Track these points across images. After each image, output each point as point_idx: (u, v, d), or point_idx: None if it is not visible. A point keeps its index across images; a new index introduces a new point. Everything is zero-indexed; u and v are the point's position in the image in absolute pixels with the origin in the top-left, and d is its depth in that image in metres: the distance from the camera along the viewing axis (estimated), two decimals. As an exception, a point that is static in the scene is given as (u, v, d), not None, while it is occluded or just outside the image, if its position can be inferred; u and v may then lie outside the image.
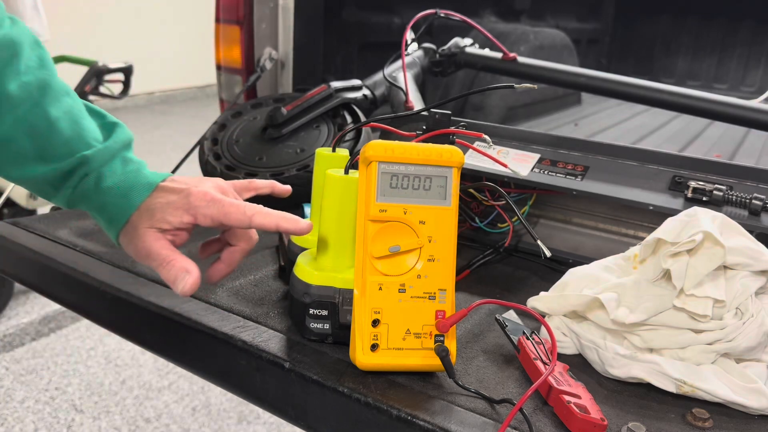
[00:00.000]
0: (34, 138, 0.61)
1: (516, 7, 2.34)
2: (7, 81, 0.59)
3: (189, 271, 0.60)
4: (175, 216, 0.61)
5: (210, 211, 0.60)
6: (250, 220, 0.60)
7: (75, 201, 0.64)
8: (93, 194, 0.63)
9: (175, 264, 0.60)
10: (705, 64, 2.87)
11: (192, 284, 0.59)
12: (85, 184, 0.63)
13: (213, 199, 0.61)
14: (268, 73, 1.36)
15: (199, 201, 0.61)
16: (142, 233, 0.61)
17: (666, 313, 0.62)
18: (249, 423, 2.04)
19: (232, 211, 0.60)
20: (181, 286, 0.59)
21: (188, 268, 0.60)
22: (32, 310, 2.57)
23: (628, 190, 0.86)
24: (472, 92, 1.40)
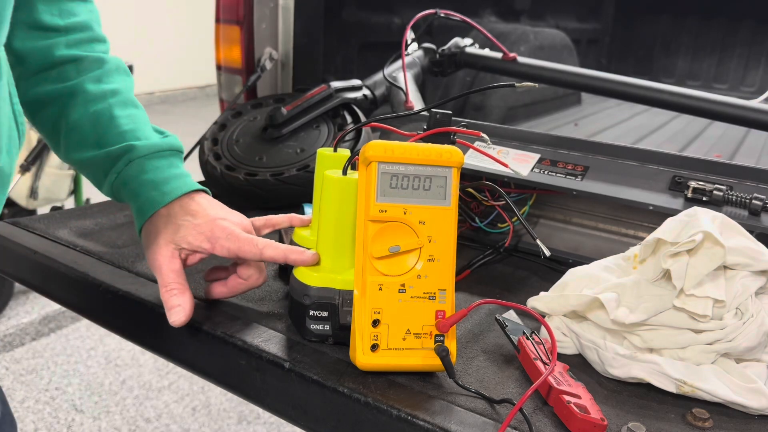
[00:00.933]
0: (96, 127, 0.69)
1: (516, 7, 2.34)
2: (88, 83, 0.71)
3: (184, 308, 0.65)
4: (196, 240, 0.66)
5: (228, 244, 0.66)
6: (261, 252, 0.66)
7: (117, 187, 0.69)
8: (132, 181, 0.68)
9: (176, 295, 0.65)
10: (705, 64, 2.87)
11: (182, 321, 0.64)
12: (128, 171, 0.68)
13: (232, 233, 0.66)
14: (268, 73, 1.36)
15: (221, 233, 0.66)
16: (162, 245, 0.66)
17: (666, 313, 0.62)
18: (249, 423, 2.04)
19: (246, 244, 0.66)
20: (173, 319, 0.64)
21: (184, 305, 0.65)
22: (32, 310, 2.57)
23: (628, 190, 0.86)
24: (473, 92, 1.40)
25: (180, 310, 0.64)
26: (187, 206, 0.68)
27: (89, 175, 0.72)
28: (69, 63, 0.70)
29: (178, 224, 0.67)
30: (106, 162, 0.69)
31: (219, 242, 0.66)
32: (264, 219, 0.75)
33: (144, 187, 0.68)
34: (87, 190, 2.82)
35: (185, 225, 0.67)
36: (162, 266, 0.66)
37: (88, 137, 0.69)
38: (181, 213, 0.67)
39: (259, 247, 0.65)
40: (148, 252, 0.68)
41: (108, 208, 0.99)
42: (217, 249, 0.66)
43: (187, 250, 0.67)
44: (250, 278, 0.70)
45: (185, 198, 0.69)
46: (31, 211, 2.51)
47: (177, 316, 0.64)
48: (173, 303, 0.64)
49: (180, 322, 0.64)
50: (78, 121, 0.69)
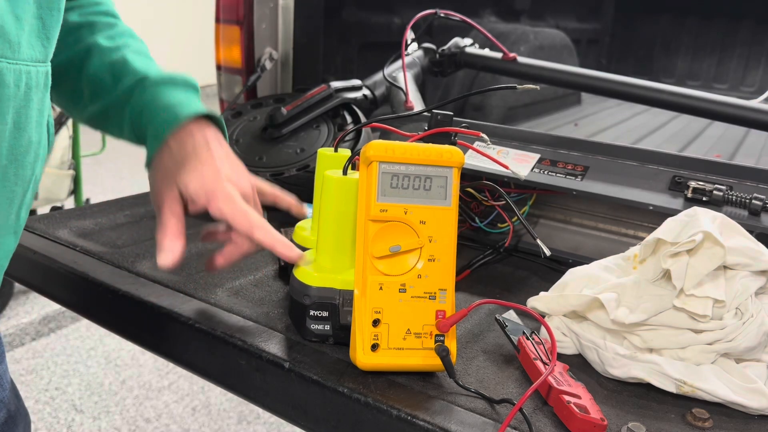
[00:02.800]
0: (112, 73, 0.71)
1: (516, 7, 2.34)
2: (102, 39, 0.72)
3: (174, 253, 0.64)
4: (196, 191, 0.65)
5: (224, 207, 0.65)
6: (252, 232, 0.65)
7: (136, 120, 0.69)
8: (147, 108, 0.68)
9: (170, 235, 0.65)
10: (705, 64, 2.87)
11: (168, 265, 0.64)
12: (143, 98, 0.69)
13: (231, 198, 0.65)
14: (268, 73, 1.36)
15: (221, 194, 0.65)
16: (166, 185, 0.66)
17: (666, 313, 0.62)
18: (249, 423, 2.04)
19: (240, 216, 0.65)
20: (161, 261, 0.64)
21: (175, 250, 0.64)
22: (32, 310, 2.57)
23: (628, 190, 0.86)
24: (474, 93, 1.40)
25: (169, 253, 0.64)
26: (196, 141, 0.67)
27: (112, 124, 0.72)
28: (83, 27, 0.72)
29: (184, 166, 0.66)
30: (123, 99, 0.69)
31: (215, 202, 0.65)
32: (270, 189, 0.75)
33: (158, 111, 0.68)
34: (87, 190, 2.82)
35: (190, 170, 0.66)
36: (163, 207, 0.66)
37: (105, 83, 0.70)
38: (190, 150, 0.67)
39: (251, 224, 0.65)
40: (152, 188, 0.68)
41: (108, 208, 0.99)
42: (212, 207, 0.65)
43: (186, 196, 0.66)
44: (243, 244, 0.69)
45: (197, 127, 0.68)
46: (31, 211, 2.51)
47: (165, 259, 0.64)
48: (165, 245, 0.64)
49: (166, 265, 0.64)
50: (96, 73, 0.71)
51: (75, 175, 2.63)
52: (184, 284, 0.76)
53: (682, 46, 2.91)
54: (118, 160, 4.55)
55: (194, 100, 0.70)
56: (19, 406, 0.69)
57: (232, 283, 0.78)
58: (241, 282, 0.78)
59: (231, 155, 0.70)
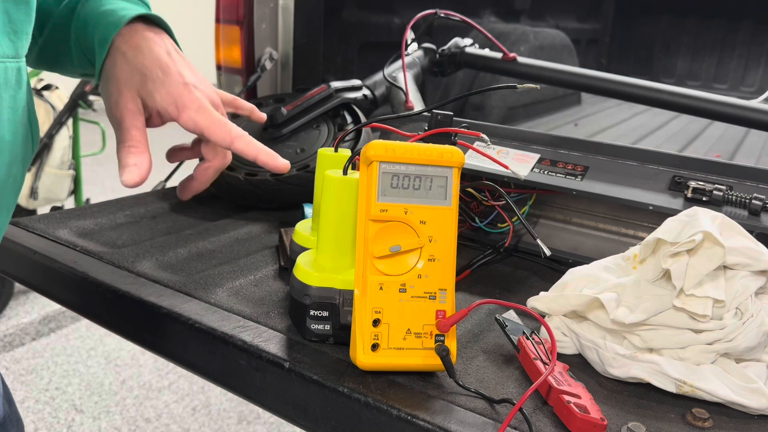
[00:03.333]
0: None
1: (516, 7, 2.34)
2: None
3: (140, 168, 0.59)
4: (163, 101, 0.60)
5: (198, 117, 0.60)
6: (232, 142, 0.61)
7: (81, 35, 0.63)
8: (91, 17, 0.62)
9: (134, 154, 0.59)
10: (705, 64, 2.87)
11: (135, 182, 0.59)
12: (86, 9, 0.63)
13: (203, 108, 0.60)
14: (268, 73, 1.36)
15: (191, 103, 0.60)
16: (126, 96, 0.60)
17: (666, 313, 0.62)
18: (249, 423, 2.05)
19: (218, 127, 0.60)
20: (126, 178, 0.59)
21: (141, 165, 0.59)
22: (32, 310, 2.57)
23: (628, 190, 0.86)
24: (474, 93, 1.40)
25: (135, 169, 0.59)
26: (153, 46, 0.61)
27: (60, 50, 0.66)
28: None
29: (144, 74, 0.60)
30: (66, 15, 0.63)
31: (187, 112, 0.60)
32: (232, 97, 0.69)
33: (103, 17, 0.61)
34: (87, 190, 2.82)
35: (153, 79, 0.60)
36: (124, 120, 0.60)
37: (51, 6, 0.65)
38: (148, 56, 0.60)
39: (231, 135, 0.60)
40: (109, 100, 0.61)
41: (108, 208, 0.99)
42: (183, 119, 0.60)
43: (151, 108, 0.61)
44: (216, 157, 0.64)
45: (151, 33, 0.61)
46: (31, 211, 2.51)
47: (130, 175, 0.59)
48: (129, 161, 0.59)
49: (133, 182, 0.59)
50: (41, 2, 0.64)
51: (75, 175, 2.63)
52: (184, 284, 0.76)
53: (682, 47, 2.92)
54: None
55: (141, 7, 0.64)
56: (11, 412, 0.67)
57: (232, 283, 0.78)
58: (241, 282, 0.78)
59: (189, 61, 0.64)
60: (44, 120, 2.48)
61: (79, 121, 2.63)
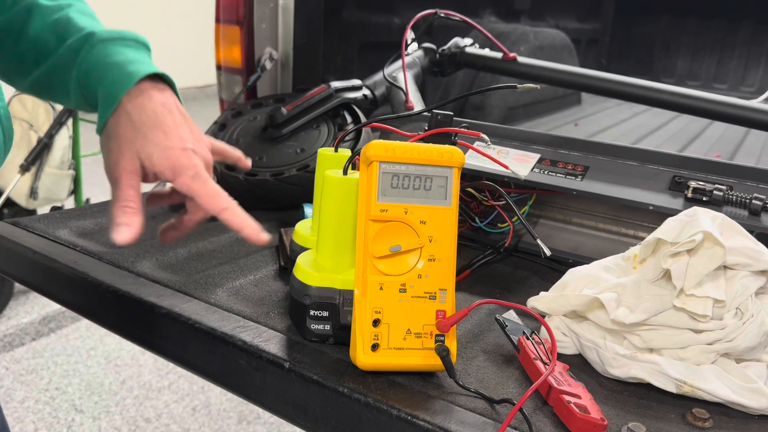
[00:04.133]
0: (55, 32, 0.66)
1: (516, 7, 2.34)
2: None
3: (132, 229, 0.61)
4: (160, 164, 0.62)
5: (193, 184, 0.62)
6: (220, 212, 0.63)
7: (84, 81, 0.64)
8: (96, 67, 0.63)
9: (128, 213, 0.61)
10: (705, 64, 2.87)
11: (127, 241, 0.61)
12: (91, 56, 0.64)
13: (200, 175, 0.62)
14: (268, 73, 1.36)
15: (188, 170, 0.62)
16: (125, 156, 0.62)
17: (666, 313, 0.62)
18: (249, 423, 2.04)
19: (211, 197, 0.62)
20: (119, 237, 0.61)
21: (134, 225, 0.61)
22: (32, 310, 2.57)
23: (628, 190, 0.86)
24: (474, 93, 1.40)
25: (127, 229, 0.61)
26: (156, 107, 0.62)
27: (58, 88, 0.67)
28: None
29: (146, 137, 0.62)
30: (68, 58, 0.65)
31: (182, 178, 0.62)
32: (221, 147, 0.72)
33: (109, 70, 0.63)
34: (87, 190, 2.82)
35: (153, 142, 0.62)
36: (121, 180, 0.62)
37: (49, 44, 0.66)
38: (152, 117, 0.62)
39: (221, 206, 0.62)
40: (108, 158, 0.63)
41: (108, 208, 0.99)
42: (178, 183, 0.62)
43: (149, 169, 0.63)
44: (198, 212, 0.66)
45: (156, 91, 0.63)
46: (31, 211, 2.51)
47: (123, 235, 0.60)
48: (123, 221, 0.61)
49: (124, 242, 0.60)
50: (38, 34, 0.66)
51: (75, 175, 2.63)
52: (184, 284, 0.76)
53: (682, 47, 2.92)
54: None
55: (146, 58, 0.66)
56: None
57: (232, 283, 0.78)
58: (241, 282, 0.78)
59: (190, 119, 0.66)
60: (44, 120, 2.48)
61: (79, 121, 2.63)
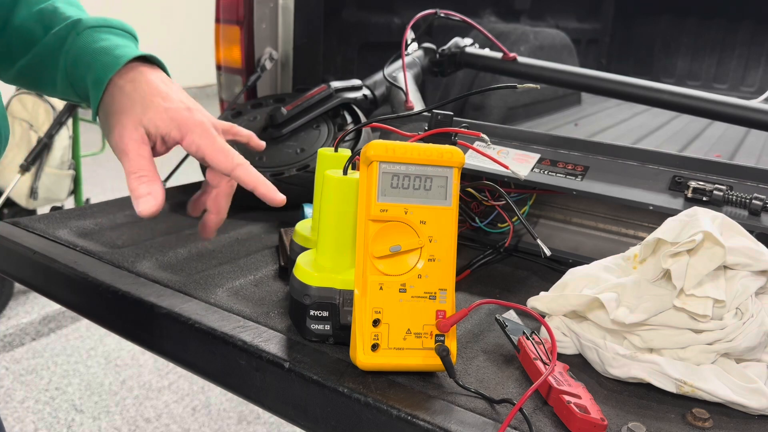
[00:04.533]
0: (41, 21, 0.65)
1: (516, 7, 2.34)
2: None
3: (155, 197, 0.59)
4: (165, 125, 0.60)
5: (201, 141, 0.61)
6: (233, 169, 0.61)
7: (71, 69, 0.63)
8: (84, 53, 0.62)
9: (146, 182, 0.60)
10: (705, 64, 2.87)
11: (152, 211, 0.59)
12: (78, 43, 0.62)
13: (208, 133, 0.61)
14: (268, 73, 1.36)
15: (195, 126, 0.61)
16: (128, 126, 0.60)
17: (666, 313, 0.62)
18: (249, 423, 2.04)
19: (221, 153, 0.61)
20: (143, 208, 0.59)
21: (156, 193, 0.60)
22: (32, 310, 2.57)
23: (628, 190, 0.86)
24: (474, 93, 1.40)
25: (150, 198, 0.59)
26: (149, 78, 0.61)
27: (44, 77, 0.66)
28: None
29: (145, 103, 0.60)
30: (55, 46, 0.64)
31: (191, 136, 0.60)
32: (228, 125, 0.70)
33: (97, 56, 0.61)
34: (87, 190, 2.82)
35: (154, 106, 0.60)
36: (129, 151, 0.60)
37: (35, 33, 0.65)
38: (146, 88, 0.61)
39: (233, 163, 0.61)
40: (112, 134, 0.61)
41: (108, 208, 0.99)
42: (187, 142, 0.60)
43: (155, 135, 0.61)
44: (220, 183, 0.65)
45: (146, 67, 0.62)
46: (31, 211, 2.51)
47: (147, 205, 0.58)
48: (143, 191, 0.59)
49: (150, 212, 0.59)
50: (23, 23, 0.65)
51: (75, 175, 2.63)
52: (184, 284, 0.76)
53: (682, 46, 2.92)
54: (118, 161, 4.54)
55: (133, 45, 0.65)
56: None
57: (232, 283, 0.78)
58: (241, 282, 0.78)
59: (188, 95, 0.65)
60: (44, 120, 2.48)
61: (79, 121, 2.63)
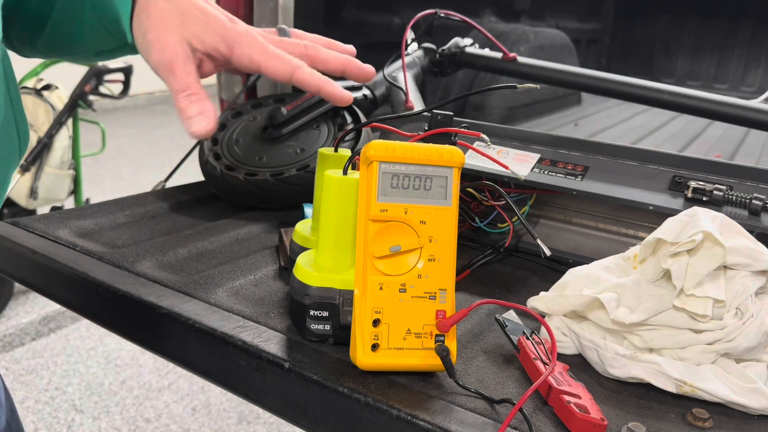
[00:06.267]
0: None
1: (516, 7, 2.34)
2: None
3: (208, 116, 0.55)
4: (210, 39, 0.55)
5: (252, 52, 0.56)
6: (293, 74, 0.56)
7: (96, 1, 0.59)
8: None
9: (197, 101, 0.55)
10: (705, 64, 2.87)
11: (207, 131, 0.55)
12: None
13: (256, 40, 0.56)
14: (268, 73, 1.35)
15: (241, 37, 0.56)
16: (171, 41, 0.54)
17: (666, 313, 0.62)
18: (249, 423, 2.05)
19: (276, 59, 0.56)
20: (197, 128, 0.54)
21: (208, 113, 0.55)
22: (32, 310, 2.57)
23: (628, 190, 0.86)
24: (474, 93, 1.40)
25: (203, 118, 0.54)
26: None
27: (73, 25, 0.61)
28: None
29: (185, 17, 0.55)
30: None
31: (240, 47, 0.55)
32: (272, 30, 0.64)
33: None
34: (87, 190, 2.82)
35: (194, 19, 0.55)
36: (176, 66, 0.54)
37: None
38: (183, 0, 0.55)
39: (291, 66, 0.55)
40: (152, 51, 0.55)
41: (108, 208, 0.99)
42: (237, 56, 0.56)
43: (200, 52, 0.56)
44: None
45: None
46: (31, 211, 2.51)
47: (200, 125, 0.54)
48: (194, 110, 0.54)
49: (204, 132, 0.54)
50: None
51: (75, 175, 2.63)
52: (184, 284, 0.76)
53: (682, 46, 2.92)
54: (118, 160, 4.55)
55: None
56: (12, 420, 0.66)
57: (232, 283, 0.78)
58: (241, 282, 0.78)
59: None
60: (44, 120, 2.48)
61: (79, 121, 2.63)
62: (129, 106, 6.22)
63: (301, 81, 0.57)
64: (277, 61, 0.56)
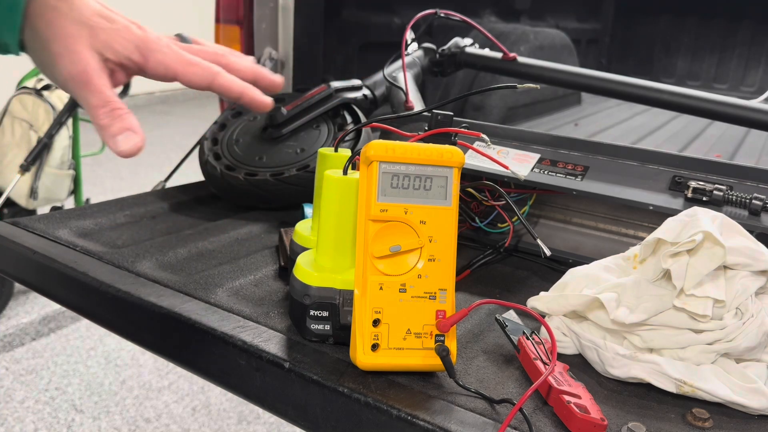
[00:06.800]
0: None
1: (516, 7, 2.34)
2: None
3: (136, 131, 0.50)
4: (123, 47, 0.52)
5: (167, 58, 0.53)
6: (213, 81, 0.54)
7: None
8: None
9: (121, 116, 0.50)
10: (705, 64, 2.87)
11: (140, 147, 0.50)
12: None
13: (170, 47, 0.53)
14: (268, 73, 1.35)
15: (155, 44, 0.53)
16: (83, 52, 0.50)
17: (666, 313, 0.62)
18: (249, 423, 2.05)
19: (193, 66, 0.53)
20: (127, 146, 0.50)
21: (136, 128, 0.50)
22: (32, 310, 2.57)
23: (628, 190, 0.86)
24: (474, 93, 1.40)
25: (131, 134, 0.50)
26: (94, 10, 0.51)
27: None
28: None
29: (91, 26, 0.51)
30: None
31: (154, 55, 0.52)
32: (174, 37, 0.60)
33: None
34: (87, 190, 2.82)
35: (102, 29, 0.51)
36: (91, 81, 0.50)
37: None
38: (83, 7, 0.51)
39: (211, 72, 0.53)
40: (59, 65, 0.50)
41: (108, 208, 0.99)
42: (151, 63, 0.52)
43: (111, 61, 0.51)
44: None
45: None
46: (31, 211, 2.51)
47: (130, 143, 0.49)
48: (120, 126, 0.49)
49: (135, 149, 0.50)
50: None
51: (75, 175, 2.63)
52: (184, 284, 0.76)
53: (682, 46, 2.92)
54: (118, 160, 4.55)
55: None
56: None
57: (232, 283, 0.78)
58: (241, 282, 0.78)
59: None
60: (44, 120, 2.48)
61: (79, 121, 2.63)
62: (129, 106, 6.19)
63: (222, 87, 0.54)
64: (195, 68, 0.54)
